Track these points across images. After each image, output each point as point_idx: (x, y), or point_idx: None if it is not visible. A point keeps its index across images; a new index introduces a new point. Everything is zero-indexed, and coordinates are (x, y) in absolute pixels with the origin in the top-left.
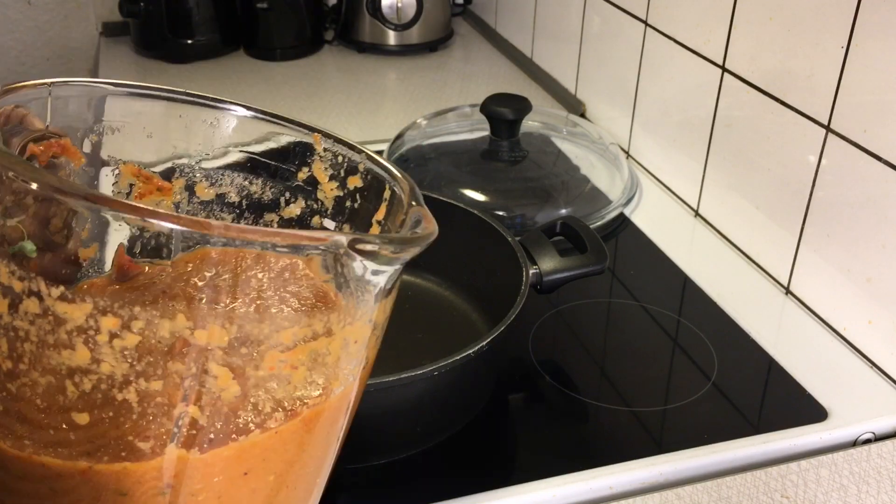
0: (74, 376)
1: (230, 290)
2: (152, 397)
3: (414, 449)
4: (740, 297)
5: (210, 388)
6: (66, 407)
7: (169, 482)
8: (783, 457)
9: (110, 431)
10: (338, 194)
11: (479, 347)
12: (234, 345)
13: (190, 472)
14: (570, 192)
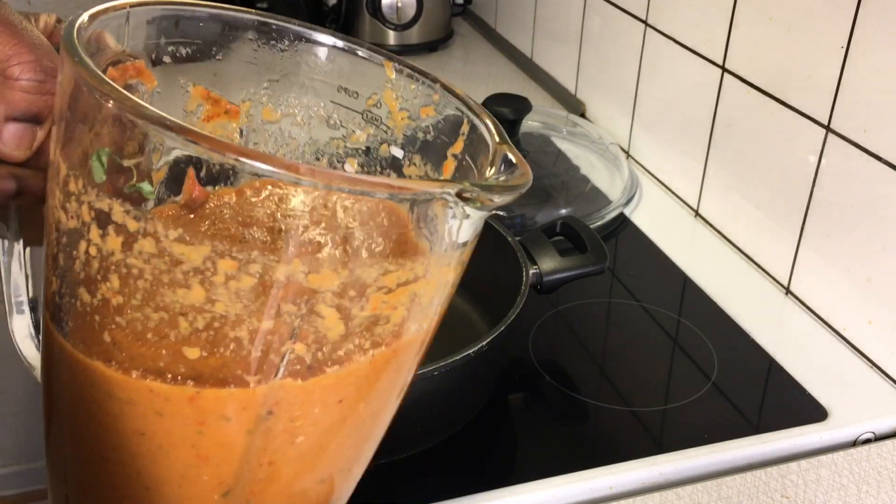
0: (188, 314)
1: (331, 236)
2: (263, 335)
3: (414, 449)
4: (740, 297)
5: (317, 328)
6: (178, 341)
7: (271, 409)
8: (783, 457)
9: (219, 363)
10: (409, 124)
11: (479, 347)
12: (344, 288)
13: (291, 400)
14: (570, 192)
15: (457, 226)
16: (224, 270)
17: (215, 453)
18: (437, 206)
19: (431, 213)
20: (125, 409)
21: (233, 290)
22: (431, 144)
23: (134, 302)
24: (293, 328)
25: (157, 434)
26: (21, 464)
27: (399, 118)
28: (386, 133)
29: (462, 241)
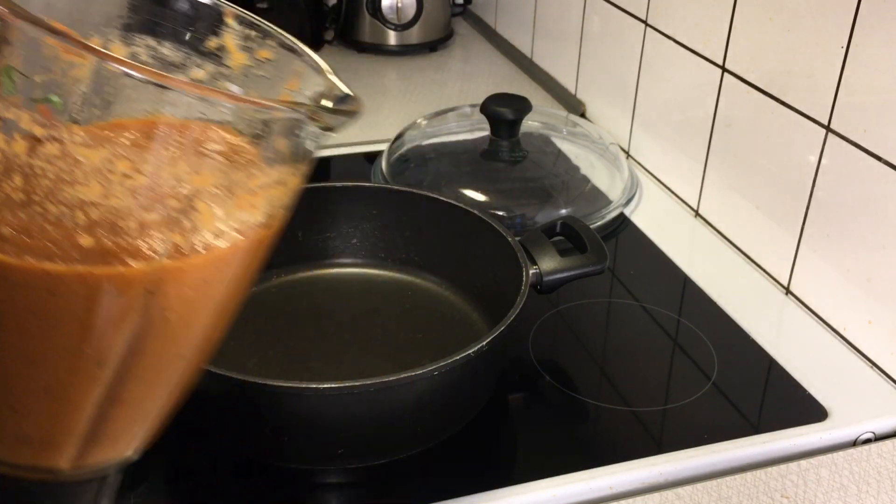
0: (85, 208)
1: (214, 146)
2: (150, 227)
3: (414, 449)
4: (740, 297)
5: (195, 222)
6: (74, 231)
7: (150, 288)
8: (783, 457)
9: (110, 249)
10: (247, 64)
11: (479, 347)
12: (218, 188)
13: (167, 280)
14: (570, 192)
15: (309, 142)
16: (120, 170)
17: (99, 327)
18: (297, 125)
19: (293, 129)
20: (19, 292)
21: (126, 187)
22: (268, 80)
23: (35, 198)
24: (175, 220)
25: (48, 312)
26: None
27: (238, 59)
28: (225, 71)
29: (310, 154)
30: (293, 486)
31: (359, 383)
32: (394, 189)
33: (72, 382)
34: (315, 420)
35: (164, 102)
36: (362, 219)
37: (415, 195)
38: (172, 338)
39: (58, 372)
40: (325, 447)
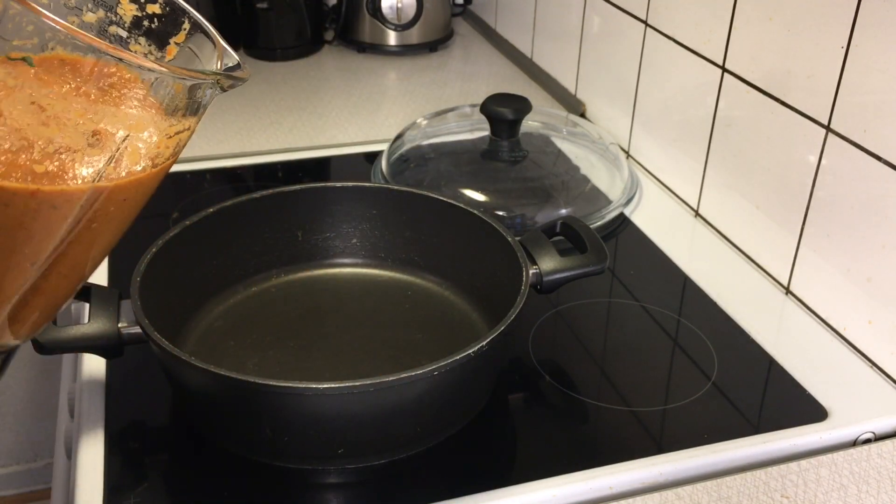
0: (41, 142)
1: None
2: (91, 158)
3: (414, 449)
4: (740, 297)
5: (125, 155)
6: (30, 159)
7: (85, 204)
8: (783, 456)
9: (57, 172)
10: (136, 14)
11: (479, 347)
12: (146, 132)
13: (100, 197)
14: (570, 192)
15: (206, 98)
16: (76, 119)
17: (39, 233)
18: (203, 85)
19: (200, 89)
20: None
21: (80, 131)
22: (154, 31)
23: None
24: (112, 155)
25: (0, 221)
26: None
27: (128, 8)
28: (115, 18)
29: (203, 107)
30: (293, 486)
31: (359, 383)
32: (394, 189)
33: (7, 277)
34: (315, 420)
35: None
36: (362, 219)
37: (415, 195)
38: (91, 243)
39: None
40: (324, 447)
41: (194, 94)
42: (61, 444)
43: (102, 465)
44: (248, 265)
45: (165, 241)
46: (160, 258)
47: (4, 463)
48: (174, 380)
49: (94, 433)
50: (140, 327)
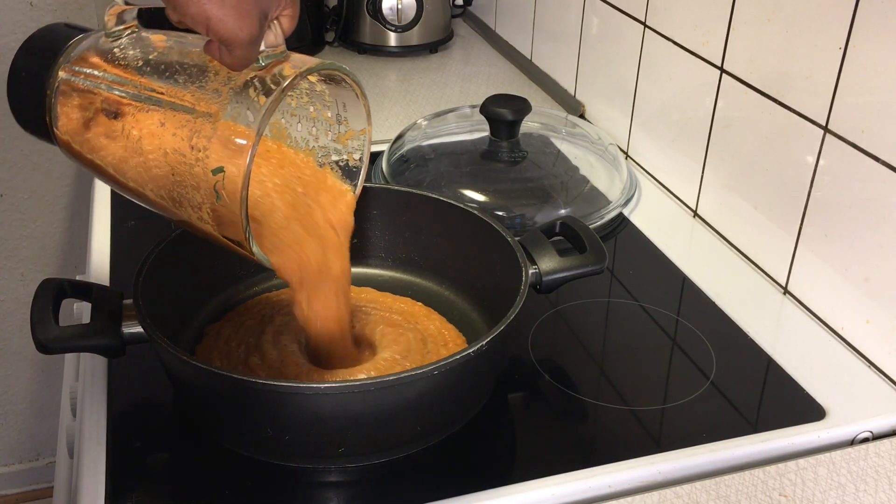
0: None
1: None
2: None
3: (414, 448)
4: (739, 297)
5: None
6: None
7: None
8: (781, 455)
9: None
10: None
11: (479, 347)
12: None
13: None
14: (570, 193)
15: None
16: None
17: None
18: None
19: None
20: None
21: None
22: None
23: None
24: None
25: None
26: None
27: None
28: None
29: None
30: (294, 485)
31: (359, 382)
32: (394, 189)
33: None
34: (315, 419)
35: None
36: (362, 219)
37: (415, 195)
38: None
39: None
40: (325, 446)
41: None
42: (63, 443)
43: (104, 463)
44: (249, 265)
45: (167, 242)
46: (162, 258)
47: (7, 461)
48: (176, 379)
49: (96, 432)
50: (142, 327)
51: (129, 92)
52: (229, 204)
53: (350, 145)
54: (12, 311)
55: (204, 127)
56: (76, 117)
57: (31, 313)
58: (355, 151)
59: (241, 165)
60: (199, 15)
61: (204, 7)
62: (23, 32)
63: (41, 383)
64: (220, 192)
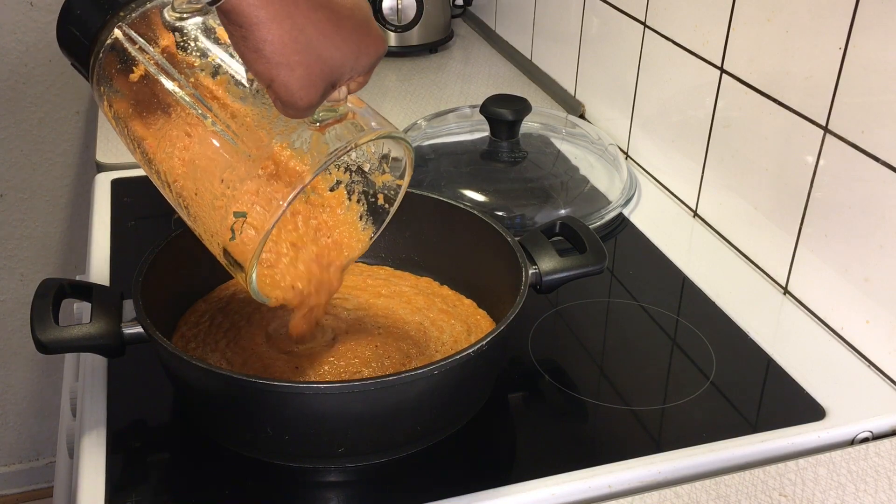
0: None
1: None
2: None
3: (414, 448)
4: (738, 297)
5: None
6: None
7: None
8: (781, 455)
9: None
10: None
11: (479, 347)
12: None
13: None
14: (570, 193)
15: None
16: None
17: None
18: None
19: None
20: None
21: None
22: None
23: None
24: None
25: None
26: (23, 462)
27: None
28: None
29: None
30: (294, 485)
31: (359, 382)
32: None
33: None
34: (315, 419)
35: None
36: None
37: (415, 195)
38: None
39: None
40: (325, 446)
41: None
42: (63, 443)
43: (104, 463)
44: None
45: (167, 242)
46: (162, 258)
47: (7, 462)
48: (175, 379)
49: (96, 432)
50: (142, 327)
51: (178, 90)
52: (241, 249)
53: (382, 184)
54: (12, 311)
55: (240, 165)
56: (119, 82)
57: (31, 313)
58: (387, 194)
59: (263, 226)
60: (264, 73)
61: (271, 70)
62: (23, 32)
63: (41, 383)
64: (236, 233)
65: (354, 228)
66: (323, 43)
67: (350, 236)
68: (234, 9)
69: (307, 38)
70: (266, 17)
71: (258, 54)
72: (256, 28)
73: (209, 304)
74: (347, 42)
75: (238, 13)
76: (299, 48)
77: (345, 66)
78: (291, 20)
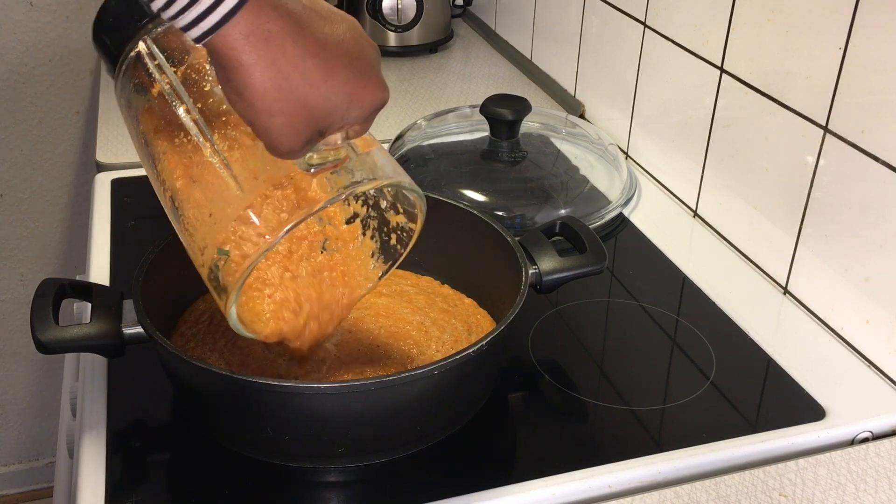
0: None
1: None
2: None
3: (414, 448)
4: (738, 297)
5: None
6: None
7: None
8: (781, 455)
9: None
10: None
11: (479, 347)
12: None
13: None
14: (570, 193)
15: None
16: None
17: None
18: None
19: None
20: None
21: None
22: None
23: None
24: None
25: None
26: (23, 462)
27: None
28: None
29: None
30: (294, 485)
31: (359, 382)
32: None
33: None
34: (315, 419)
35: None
36: None
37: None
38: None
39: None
40: (325, 446)
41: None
42: (63, 443)
43: (104, 463)
44: None
45: (167, 242)
46: (162, 258)
47: (7, 462)
48: (175, 379)
49: (96, 432)
50: (142, 327)
51: (184, 114)
52: (222, 284)
53: (396, 224)
54: (12, 311)
55: (229, 201)
56: (140, 94)
57: (31, 313)
58: (399, 235)
59: (240, 269)
60: (245, 116)
61: (251, 114)
62: (23, 32)
63: (41, 383)
64: (219, 270)
65: (365, 264)
66: (309, 92)
67: (359, 272)
68: (217, 49)
69: (292, 87)
70: (249, 62)
71: (240, 97)
72: (238, 71)
73: (209, 304)
74: (338, 92)
75: (221, 54)
76: (282, 96)
77: (333, 115)
78: (276, 67)
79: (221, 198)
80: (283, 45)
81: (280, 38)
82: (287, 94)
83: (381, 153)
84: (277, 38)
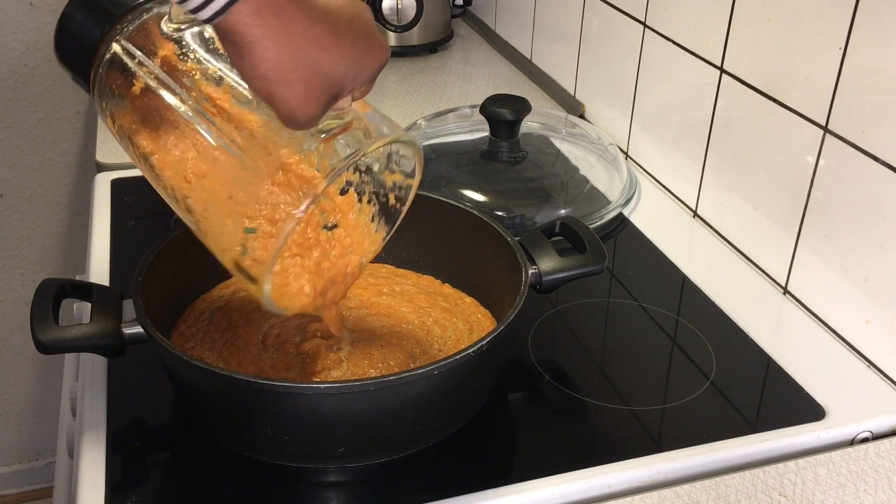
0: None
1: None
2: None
3: (414, 448)
4: (738, 297)
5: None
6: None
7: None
8: (781, 455)
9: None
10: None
11: (479, 347)
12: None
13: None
14: (570, 193)
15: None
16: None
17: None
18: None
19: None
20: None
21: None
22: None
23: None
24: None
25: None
26: (23, 462)
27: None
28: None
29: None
30: (293, 485)
31: (359, 382)
32: None
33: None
34: (315, 419)
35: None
36: None
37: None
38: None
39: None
40: (325, 446)
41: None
42: (63, 443)
43: (104, 463)
44: None
45: (167, 242)
46: (162, 258)
47: (7, 462)
48: (175, 379)
49: (96, 432)
50: (142, 327)
51: (179, 104)
52: (253, 263)
53: (392, 184)
54: (12, 311)
55: (247, 179)
56: (121, 97)
57: (31, 313)
58: (398, 194)
59: (275, 241)
60: (262, 91)
61: (269, 87)
62: (23, 32)
63: (41, 383)
64: (248, 249)
65: (367, 230)
66: (322, 57)
67: (363, 239)
68: (229, 27)
69: (305, 55)
70: (262, 35)
71: (255, 72)
72: (252, 47)
73: (208, 303)
74: (347, 54)
75: (233, 32)
76: (297, 65)
77: (346, 79)
78: (288, 37)
79: (236, 179)
80: (293, 15)
81: (289, 9)
82: (302, 63)
83: (377, 112)
84: (287, 9)
